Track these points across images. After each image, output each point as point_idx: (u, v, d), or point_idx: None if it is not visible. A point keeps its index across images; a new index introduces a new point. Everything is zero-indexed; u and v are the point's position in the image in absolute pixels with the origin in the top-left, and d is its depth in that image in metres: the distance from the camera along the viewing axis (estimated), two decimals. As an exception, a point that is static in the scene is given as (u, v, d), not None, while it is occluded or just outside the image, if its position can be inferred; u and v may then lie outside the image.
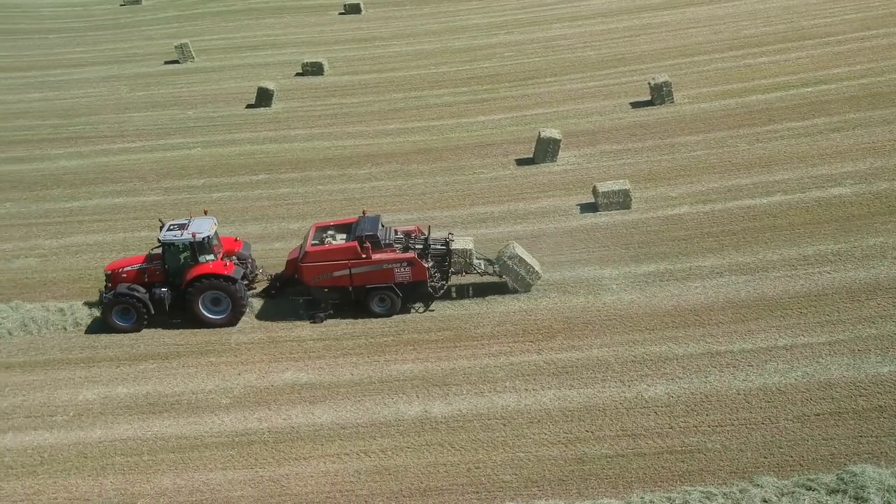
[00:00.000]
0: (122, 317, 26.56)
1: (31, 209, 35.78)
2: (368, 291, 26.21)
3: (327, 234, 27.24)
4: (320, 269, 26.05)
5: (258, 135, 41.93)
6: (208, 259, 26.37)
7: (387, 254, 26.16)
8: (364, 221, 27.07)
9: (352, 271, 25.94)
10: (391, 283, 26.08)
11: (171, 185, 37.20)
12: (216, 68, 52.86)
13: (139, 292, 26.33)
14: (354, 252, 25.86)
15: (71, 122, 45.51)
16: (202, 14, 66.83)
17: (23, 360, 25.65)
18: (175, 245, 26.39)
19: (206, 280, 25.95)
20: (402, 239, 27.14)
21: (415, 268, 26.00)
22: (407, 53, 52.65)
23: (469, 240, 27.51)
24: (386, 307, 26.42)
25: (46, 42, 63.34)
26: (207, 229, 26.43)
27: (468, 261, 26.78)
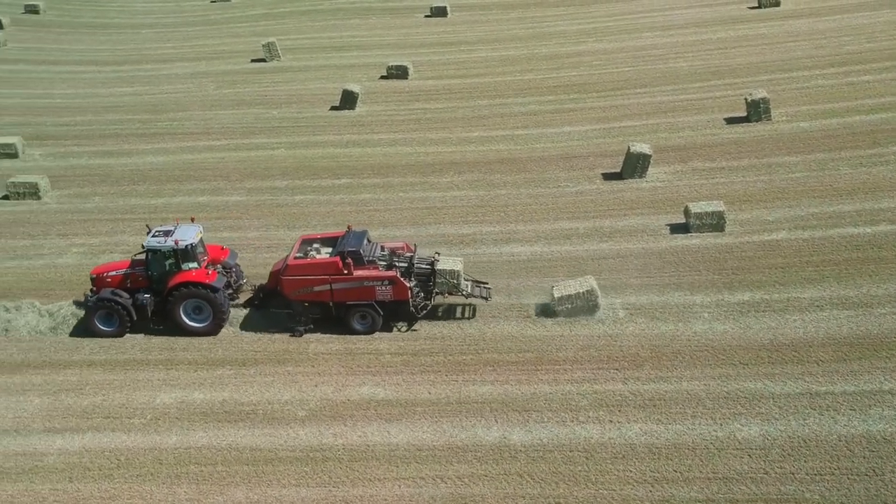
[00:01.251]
0: (105, 321, 26.43)
1: (118, 204, 36.22)
2: (349, 308, 25.72)
3: (312, 247, 26.84)
4: (301, 283, 25.58)
5: (342, 138, 41.75)
6: (191, 267, 26.09)
7: (369, 271, 25.59)
8: (349, 236, 26.62)
9: (332, 287, 25.42)
10: (372, 301, 25.52)
11: (253, 185, 37.24)
12: (302, 68, 53.04)
13: (122, 297, 26.13)
14: (336, 267, 25.35)
15: (159, 117, 46.12)
16: (289, 13, 67.35)
17: (104, 358, 25.77)
18: (158, 251, 26.13)
19: (187, 288, 25.68)
20: (386, 256, 26.53)
21: (396, 287, 25.42)
22: (492, 59, 51.92)
23: (458, 260, 26.74)
24: (367, 325, 25.90)
25: (139, 37, 64.64)
26: (191, 237, 26.14)
27: (455, 282, 25.96)
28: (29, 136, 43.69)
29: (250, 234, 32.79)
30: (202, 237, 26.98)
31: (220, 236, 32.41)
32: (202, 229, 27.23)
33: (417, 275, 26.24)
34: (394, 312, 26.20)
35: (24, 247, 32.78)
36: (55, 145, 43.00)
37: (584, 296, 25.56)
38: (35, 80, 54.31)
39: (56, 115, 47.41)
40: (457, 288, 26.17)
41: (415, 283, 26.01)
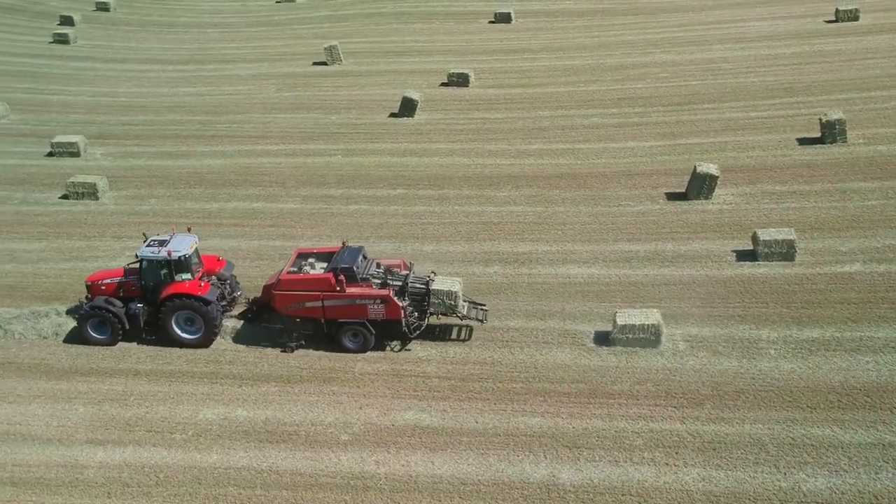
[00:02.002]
0: (98, 329, 26.26)
1: (173, 207, 36.17)
2: (340, 325, 25.21)
3: (307, 261, 26.32)
4: (293, 299, 25.14)
5: (399, 146, 41.16)
6: (185, 278, 25.75)
7: (361, 289, 25.02)
8: (344, 252, 26.10)
9: (324, 304, 24.91)
10: (364, 320, 24.96)
11: (309, 192, 36.85)
12: (362, 73, 52.64)
13: (115, 306, 25.91)
14: (328, 284, 24.80)
15: (218, 119, 46.15)
16: (353, 15, 67.14)
17: (150, 367, 25.55)
18: (152, 261, 25.81)
19: (179, 299, 25.36)
20: (381, 274, 25.83)
21: (389, 306, 24.79)
22: (555, 68, 50.81)
23: (456, 281, 25.99)
24: (358, 343, 25.37)
25: (204, 36, 65.11)
26: (186, 248, 25.80)
27: (451, 303, 25.23)
28: (92, 134, 44.09)
29: (303, 245, 32.22)
30: (197, 248, 26.66)
31: (273, 245, 32.20)
32: (197, 240, 26.85)
33: (412, 294, 25.58)
34: (387, 331, 25.51)
35: (80, 248, 32.88)
36: (116, 145, 43.28)
37: (648, 328, 24.45)
38: (102, 77, 54.98)
39: (119, 113, 47.81)
40: (453, 309, 25.42)
41: (408, 302, 25.37)
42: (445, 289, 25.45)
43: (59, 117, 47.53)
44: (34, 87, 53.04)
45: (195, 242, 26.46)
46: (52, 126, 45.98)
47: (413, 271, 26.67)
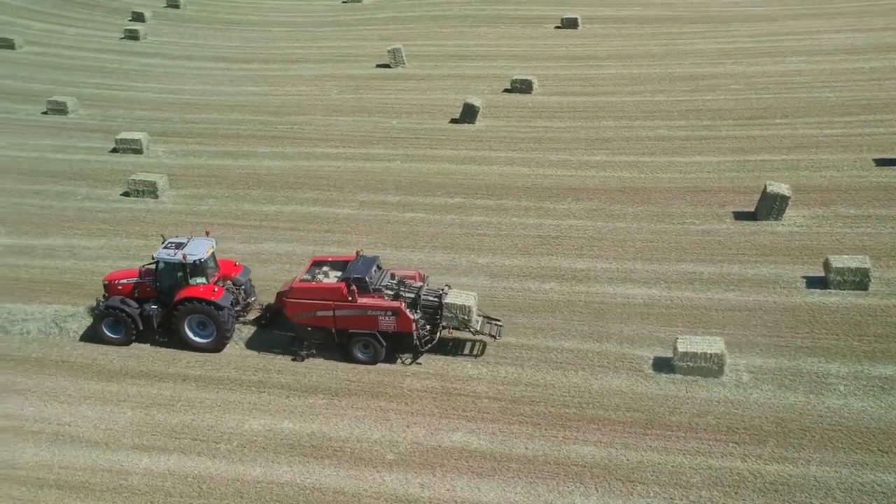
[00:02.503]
0: (113, 329, 26.39)
1: (231, 208, 36.16)
2: (351, 336, 24.99)
3: (321, 270, 26.11)
4: (304, 307, 24.98)
5: (458, 153, 40.56)
6: (199, 282, 25.74)
7: (373, 299, 24.73)
8: (358, 262, 25.84)
9: (335, 313, 24.69)
10: (374, 331, 24.70)
11: (366, 198, 36.50)
12: (425, 76, 52.18)
13: (130, 307, 26.00)
14: (340, 294, 24.55)
15: (280, 119, 46.15)
16: (418, 17, 66.77)
17: (199, 373, 25.41)
18: (167, 264, 25.81)
19: (192, 303, 25.32)
20: (394, 285, 25.42)
21: (400, 318, 24.45)
22: (622, 76, 49.62)
23: (471, 295, 25.49)
24: (369, 354, 25.12)
25: (269, 35, 65.43)
26: (202, 252, 25.80)
27: (464, 318, 24.76)
28: (155, 131, 44.49)
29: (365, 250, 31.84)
30: (213, 252, 26.65)
31: (327, 251, 31.80)
32: (215, 244, 26.84)
33: (424, 307, 25.17)
34: (398, 343, 25.19)
35: (137, 247, 33.01)
36: (179, 142, 43.57)
37: (710, 357, 23.39)
38: (168, 74, 55.57)
39: (183, 111, 48.18)
40: (466, 324, 24.98)
41: (420, 315, 24.99)
42: (459, 303, 25.02)
43: (125, 113, 48.10)
44: (103, 83, 53.84)
45: (212, 247, 26.51)
46: (117, 122, 46.58)
47: (427, 284, 26.24)
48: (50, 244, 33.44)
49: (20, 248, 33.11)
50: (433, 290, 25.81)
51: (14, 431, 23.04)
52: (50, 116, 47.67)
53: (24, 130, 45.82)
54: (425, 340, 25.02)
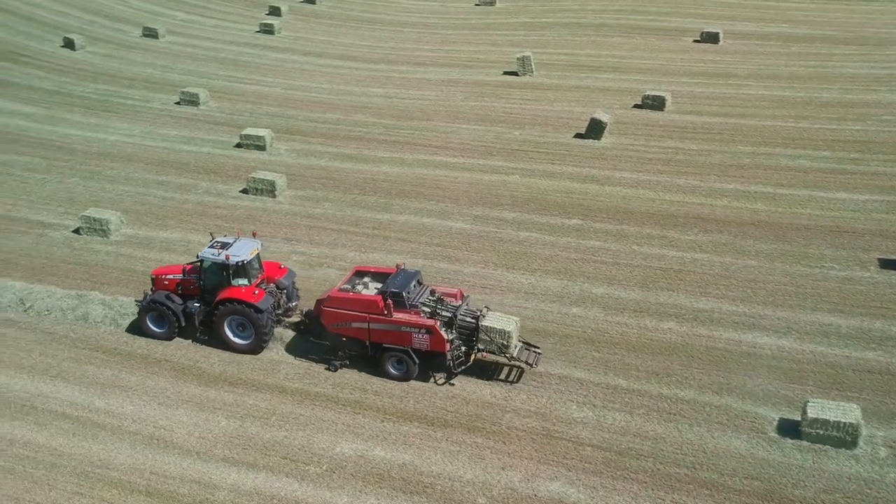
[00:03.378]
0: (156, 323, 26.75)
1: (345, 214, 35.78)
2: (384, 350, 24.54)
3: (362, 280, 25.75)
4: (340, 317, 24.72)
5: (581, 171, 38.91)
6: (241, 283, 25.64)
7: (409, 315, 24.16)
8: (398, 276, 25.24)
9: (370, 326, 24.36)
10: (408, 347, 24.13)
11: (481, 213, 35.40)
12: (552, 86, 50.67)
13: (173, 302, 26.27)
14: (376, 307, 24.18)
15: (402, 124, 45.66)
16: (550, 24, 65.22)
17: (297, 386, 24.93)
18: (211, 263, 25.81)
19: (232, 304, 25.31)
20: (432, 303, 24.79)
21: (433, 337, 23.84)
22: (763, 98, 46.68)
23: (513, 320, 24.51)
24: (402, 371, 24.61)
25: (400, 35, 65.34)
26: (245, 253, 25.64)
27: (503, 342, 23.95)
28: (279, 128, 44.84)
29: (466, 270, 30.92)
30: (258, 254, 26.51)
31: (437, 267, 30.95)
32: (260, 246, 26.67)
33: (460, 328, 24.40)
34: (432, 362, 24.51)
35: (250, 247, 33.01)
36: (301, 141, 43.71)
37: (844, 427, 21.08)
38: (297, 71, 56.17)
39: (309, 109, 48.42)
40: (503, 350, 24.09)
41: (455, 335, 24.28)
42: (498, 327, 24.09)
43: (252, 108, 48.78)
44: (234, 76, 54.92)
45: (256, 249, 26.36)
46: (244, 117, 47.25)
47: (466, 303, 25.44)
48: (167, 237, 33.91)
49: (140, 239, 33.72)
50: (471, 311, 25.06)
51: (112, 429, 23.14)
52: (182, 107, 48.87)
53: (156, 119, 47.13)
54: (459, 362, 24.28)
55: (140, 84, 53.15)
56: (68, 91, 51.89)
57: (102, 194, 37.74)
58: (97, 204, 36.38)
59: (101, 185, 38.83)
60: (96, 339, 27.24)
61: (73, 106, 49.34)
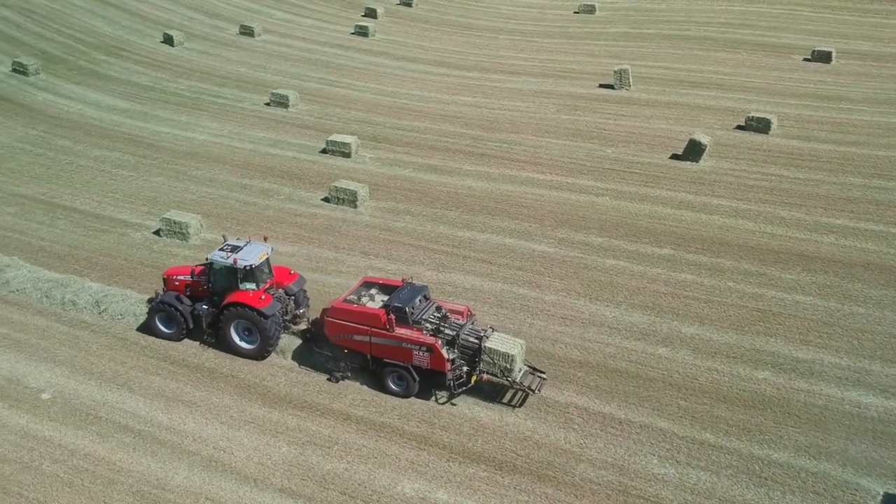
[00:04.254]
0: (165, 323, 26.77)
1: (426, 229, 34.71)
2: (385, 365, 24.06)
3: (369, 292, 25.34)
4: (342, 329, 24.32)
5: (675, 195, 36.84)
6: (248, 287, 25.42)
7: (411, 331, 23.60)
8: (403, 290, 24.66)
9: (371, 340, 23.93)
10: (408, 364, 23.64)
11: (566, 235, 33.80)
12: (650, 102, 48.54)
13: (182, 304, 26.22)
14: (378, 321, 23.67)
15: (490, 136, 44.37)
16: (651, 35, 62.89)
17: (362, 413, 23.91)
18: (219, 266, 25.64)
19: (238, 308, 25.15)
20: (436, 320, 24.15)
21: (434, 355, 23.26)
22: (877, 125, 43.58)
23: (517, 343, 23.61)
24: (402, 387, 24.09)
25: (495, 42, 64.10)
26: (253, 258, 25.41)
27: (506, 366, 23.05)
28: (366, 135, 44.17)
29: (547, 298, 29.40)
30: (268, 258, 26.18)
31: (517, 293, 29.65)
32: (270, 251, 26.32)
33: (463, 347, 23.64)
34: (432, 380, 23.94)
35: (327, 259, 32.31)
36: (387, 149, 42.91)
37: (957, 514, 18.86)
38: (388, 76, 55.55)
39: (396, 116, 47.64)
40: (506, 373, 23.24)
41: (458, 355, 23.58)
42: (502, 350, 23.16)
43: (340, 112, 48.30)
44: (325, 78, 54.66)
45: (266, 253, 26.02)
46: (332, 121, 46.79)
47: (472, 322, 24.72)
48: (246, 244, 33.44)
49: (217, 245, 33.31)
50: (476, 331, 24.16)
51: (172, 447, 22.59)
52: (272, 108, 48.78)
53: (245, 120, 47.12)
54: (459, 382, 23.51)
55: (232, 83, 53.41)
56: (163, 87, 52.51)
57: (186, 195, 37.70)
58: (179, 205, 36.32)
59: (185, 185, 38.82)
60: (165, 348, 26.85)
61: (167, 103, 49.85)
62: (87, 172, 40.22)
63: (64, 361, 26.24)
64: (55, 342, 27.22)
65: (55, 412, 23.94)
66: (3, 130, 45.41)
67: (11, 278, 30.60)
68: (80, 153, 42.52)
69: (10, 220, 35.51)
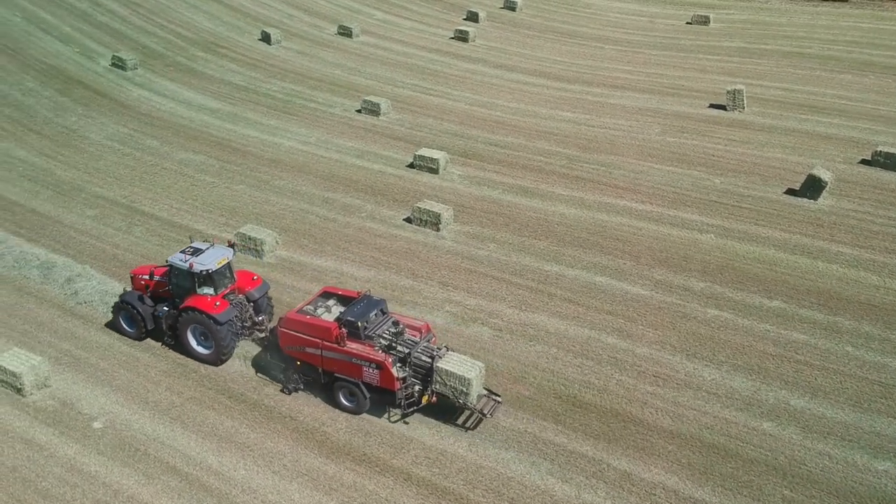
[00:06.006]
0: (128, 322, 26.74)
1: (510, 260, 32.38)
2: (336, 380, 23.43)
3: (327, 303, 24.70)
4: (295, 340, 23.75)
5: (789, 237, 33.40)
6: (206, 292, 25.16)
7: (362, 347, 22.91)
8: (359, 304, 23.95)
9: (323, 353, 23.29)
10: (358, 380, 22.92)
11: (664, 277, 30.91)
12: (765, 127, 44.77)
13: (143, 304, 26.14)
14: (329, 334, 23.05)
15: (587, 157, 41.62)
16: (769, 52, 58.63)
17: (424, 474, 21.75)
18: (177, 269, 25.24)
19: (193, 313, 24.88)
20: (390, 336, 23.34)
21: (383, 373, 22.61)
22: None
23: (476, 365, 22.71)
24: (353, 403, 23.50)
25: (600, 53, 61.01)
26: (211, 263, 24.94)
27: (463, 389, 22.21)
28: (456, 150, 42.14)
29: (638, 351, 26.69)
30: (229, 263, 25.69)
31: (604, 342, 27.12)
32: (231, 256, 25.82)
33: (416, 366, 22.86)
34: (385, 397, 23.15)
35: (404, 288, 30.37)
36: (476, 167, 40.73)
37: None
38: (485, 85, 53.31)
39: (490, 130, 45.37)
40: (460, 395, 22.41)
41: (409, 373, 22.80)
42: (457, 372, 22.28)
43: (432, 123, 46.37)
44: (420, 85, 52.84)
45: (226, 258, 25.52)
46: (422, 132, 44.91)
47: (427, 340, 23.80)
48: (320, 265, 31.89)
49: (292, 265, 31.90)
50: (430, 349, 23.31)
51: (219, 497, 21.05)
52: (362, 116, 47.28)
53: (334, 127, 45.73)
54: (410, 402, 22.77)
55: (325, 86, 52.19)
56: (255, 88, 51.70)
57: (266, 207, 36.43)
58: (258, 217, 35.08)
59: (266, 195, 37.57)
60: (224, 379, 25.42)
61: (258, 104, 48.96)
62: (169, 176, 39.47)
63: (121, 387, 25.09)
64: (115, 363, 26.14)
65: (104, 445, 22.74)
66: (96, 127, 45.29)
67: (81, 289, 29.83)
68: (165, 155, 41.87)
69: (88, 225, 34.92)
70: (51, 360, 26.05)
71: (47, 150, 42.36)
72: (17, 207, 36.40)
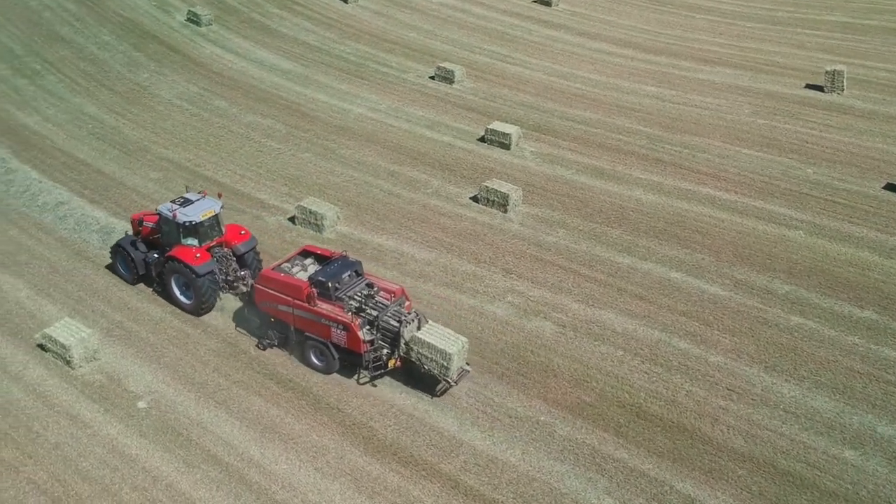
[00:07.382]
0: (123, 265, 27.33)
1: (580, 248, 30.66)
2: (307, 339, 23.71)
3: (303, 262, 24.67)
4: (269, 297, 23.95)
5: (887, 239, 30.77)
6: (190, 243, 25.44)
7: (331, 307, 22.96)
8: (333, 264, 24.10)
9: (294, 311, 23.51)
10: (327, 341, 23.08)
11: (745, 276, 28.77)
12: (866, 113, 41.49)
13: (137, 250, 26.64)
14: (300, 293, 23.19)
15: (670, 137, 39.22)
16: (875, 28, 54.52)
17: (473, 483, 20.59)
18: (164, 218, 25.68)
19: (175, 263, 25.34)
20: (361, 298, 23.25)
21: (349, 335, 22.68)
22: None
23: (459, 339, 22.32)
24: (323, 363, 23.76)
25: (690, 23, 57.69)
26: (196, 214, 25.24)
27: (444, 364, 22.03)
28: (530, 124, 40.27)
29: (711, 359, 24.80)
30: (216, 215, 25.84)
31: (676, 348, 25.40)
32: (218, 208, 25.98)
33: (383, 329, 22.59)
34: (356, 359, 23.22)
35: (465, 274, 29.00)
36: (551, 143, 38.82)
37: None
38: (566, 54, 50.88)
39: (567, 104, 43.23)
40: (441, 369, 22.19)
41: (378, 336, 22.65)
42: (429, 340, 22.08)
43: (507, 94, 44.44)
44: (498, 52, 50.77)
45: (212, 210, 25.72)
46: (497, 103, 43.09)
47: (399, 304, 23.35)
48: (381, 244, 30.74)
49: (352, 241, 30.78)
50: (399, 313, 22.89)
51: (258, 492, 20.27)
52: (435, 83, 45.65)
53: (406, 95, 44.25)
54: (376, 366, 22.76)
55: (400, 49, 50.60)
56: (328, 49, 50.47)
57: (330, 178, 35.36)
58: (321, 189, 34.07)
59: (331, 165, 36.49)
60: (273, 363, 24.59)
61: (329, 66, 47.76)
62: (235, 140, 38.72)
63: (168, 364, 24.52)
64: (165, 339, 25.58)
65: (147, 427, 22.19)
66: (167, 85, 44.83)
67: (137, 257, 29.33)
68: (233, 117, 41.13)
69: (151, 188, 34.47)
70: (102, 330, 25.66)
71: (118, 107, 42.08)
72: (84, 167, 36.18)
